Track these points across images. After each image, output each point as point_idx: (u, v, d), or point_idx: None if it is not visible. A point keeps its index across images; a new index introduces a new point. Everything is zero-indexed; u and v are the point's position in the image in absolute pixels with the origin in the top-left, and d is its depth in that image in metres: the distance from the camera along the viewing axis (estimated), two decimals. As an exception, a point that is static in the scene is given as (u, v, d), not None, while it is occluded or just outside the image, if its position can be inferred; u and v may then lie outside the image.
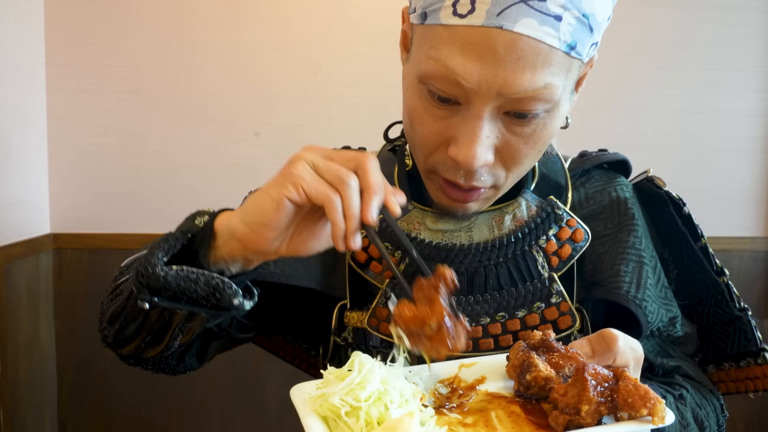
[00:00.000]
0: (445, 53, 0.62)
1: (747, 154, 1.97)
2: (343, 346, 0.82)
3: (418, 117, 0.68)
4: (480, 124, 0.63)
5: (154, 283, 0.63)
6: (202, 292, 0.63)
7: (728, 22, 1.92)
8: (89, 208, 1.75)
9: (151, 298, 0.63)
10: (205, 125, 1.76)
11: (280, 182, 0.61)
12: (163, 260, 0.64)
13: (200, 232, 0.67)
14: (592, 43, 0.66)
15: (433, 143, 0.68)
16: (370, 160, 0.59)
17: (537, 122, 0.66)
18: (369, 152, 0.73)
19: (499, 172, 0.69)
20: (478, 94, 0.62)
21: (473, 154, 0.64)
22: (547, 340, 0.58)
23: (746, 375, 0.83)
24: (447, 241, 0.77)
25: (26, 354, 1.61)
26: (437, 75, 0.63)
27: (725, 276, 0.82)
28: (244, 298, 0.65)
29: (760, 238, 1.99)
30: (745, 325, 0.82)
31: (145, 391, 1.80)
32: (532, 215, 0.77)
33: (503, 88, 0.61)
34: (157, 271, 0.62)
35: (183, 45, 1.73)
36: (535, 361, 0.56)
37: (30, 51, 1.64)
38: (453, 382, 0.63)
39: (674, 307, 0.80)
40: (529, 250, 0.76)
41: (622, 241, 0.78)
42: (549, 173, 0.83)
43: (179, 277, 0.63)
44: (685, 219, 0.81)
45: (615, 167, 0.86)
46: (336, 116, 1.79)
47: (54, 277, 1.74)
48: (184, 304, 0.65)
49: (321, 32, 1.77)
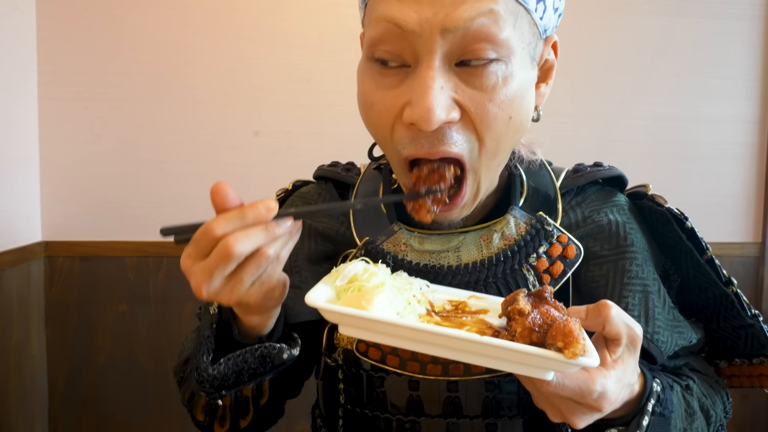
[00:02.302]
0: (383, 7, 0.62)
1: (736, 160, 1.99)
2: (333, 367, 0.82)
3: (370, 97, 0.66)
4: (430, 73, 0.60)
5: (214, 382, 0.70)
6: (255, 364, 0.71)
7: (717, 30, 1.94)
8: (81, 216, 1.74)
9: (219, 393, 0.71)
10: (197, 133, 1.76)
11: (214, 297, 0.63)
12: (209, 360, 0.71)
13: (221, 317, 0.74)
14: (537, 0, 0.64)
15: (390, 119, 0.65)
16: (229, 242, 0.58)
17: (494, 73, 0.62)
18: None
19: (470, 136, 0.64)
20: (422, 38, 0.60)
21: (428, 106, 0.59)
22: (543, 292, 0.60)
23: (760, 372, 0.82)
24: (435, 262, 0.75)
25: (17, 362, 1.60)
26: (381, 33, 0.62)
27: (733, 285, 0.80)
28: (290, 348, 0.72)
29: (749, 244, 2.01)
30: (758, 332, 0.80)
31: (136, 401, 1.79)
32: (521, 233, 0.75)
33: (446, 21, 0.59)
34: (210, 372, 0.70)
35: (175, 53, 1.74)
36: (519, 297, 0.58)
37: (22, 59, 1.63)
38: (459, 305, 0.67)
39: (684, 328, 0.77)
40: (519, 269, 0.73)
41: (626, 271, 0.75)
42: (538, 186, 0.80)
43: (229, 365, 0.70)
44: (689, 233, 0.79)
45: (610, 182, 0.84)
46: (328, 123, 1.79)
47: (45, 285, 1.73)
48: (248, 380, 0.72)
49: (313, 40, 1.77)
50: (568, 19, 1.56)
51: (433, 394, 0.75)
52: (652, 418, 0.64)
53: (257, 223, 0.57)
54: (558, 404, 0.58)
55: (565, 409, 0.58)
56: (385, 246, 0.77)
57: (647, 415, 0.63)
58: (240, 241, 0.56)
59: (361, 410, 0.78)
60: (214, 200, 0.59)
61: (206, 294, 0.58)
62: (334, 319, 0.57)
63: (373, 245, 0.77)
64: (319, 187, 0.91)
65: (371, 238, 0.78)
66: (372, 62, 0.66)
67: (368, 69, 0.66)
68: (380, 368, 0.76)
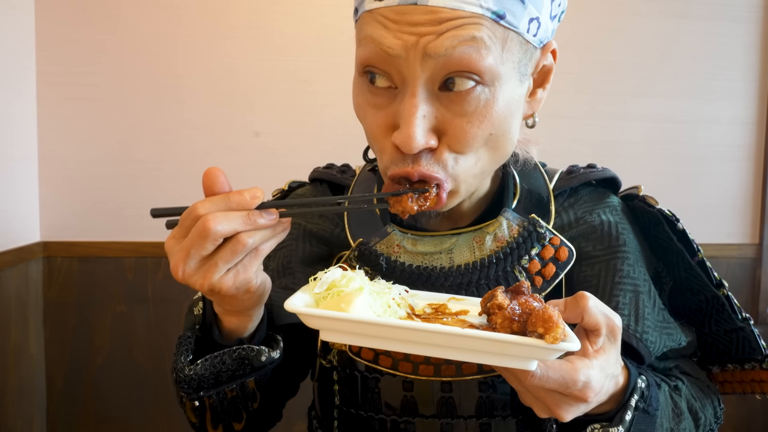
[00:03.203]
0: (370, 30, 0.63)
1: (733, 161, 2.00)
2: (328, 368, 0.82)
3: (363, 111, 0.68)
4: (414, 101, 0.62)
5: (192, 383, 0.70)
6: (233, 366, 0.71)
7: (715, 32, 1.95)
8: (79, 217, 1.75)
9: (198, 395, 0.72)
10: (195, 133, 1.76)
11: (216, 300, 0.67)
12: (187, 361, 0.71)
13: (203, 320, 0.74)
14: (530, 18, 0.64)
15: (379, 135, 0.67)
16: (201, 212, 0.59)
17: (475, 98, 0.63)
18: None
19: (446, 159, 0.66)
20: (407, 62, 0.61)
21: (410, 134, 0.62)
22: (520, 287, 0.60)
23: (752, 377, 0.82)
24: (427, 263, 0.76)
25: (15, 363, 1.60)
26: (368, 54, 0.64)
27: (725, 288, 0.80)
28: (270, 350, 0.72)
29: (746, 245, 2.01)
30: (749, 335, 0.81)
31: (134, 401, 1.79)
32: (513, 235, 0.75)
33: (427, 48, 0.60)
34: (187, 373, 0.70)
35: (174, 53, 1.74)
36: (497, 293, 0.58)
37: (21, 59, 1.64)
38: (439, 308, 0.67)
39: (673, 330, 0.78)
40: (512, 271, 0.74)
41: (617, 270, 0.76)
42: (531, 188, 0.81)
43: (206, 366, 0.70)
44: (680, 235, 0.79)
45: (603, 184, 0.84)
46: (326, 124, 1.80)
47: (43, 286, 1.74)
48: (227, 382, 0.72)
49: (311, 41, 1.78)
50: (567, 22, 1.56)
51: (427, 394, 0.75)
52: (636, 414, 0.63)
53: (240, 209, 0.59)
54: (544, 398, 0.58)
55: (551, 402, 0.58)
56: (378, 247, 0.77)
57: (630, 410, 0.63)
58: (218, 220, 0.57)
59: (356, 411, 0.79)
60: (204, 183, 0.61)
61: (181, 275, 0.59)
62: (315, 324, 0.56)
63: (366, 246, 0.77)
64: (315, 189, 0.91)
65: (365, 240, 0.78)
66: (363, 76, 0.67)
67: (361, 84, 0.68)
68: (374, 369, 0.77)
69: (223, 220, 0.58)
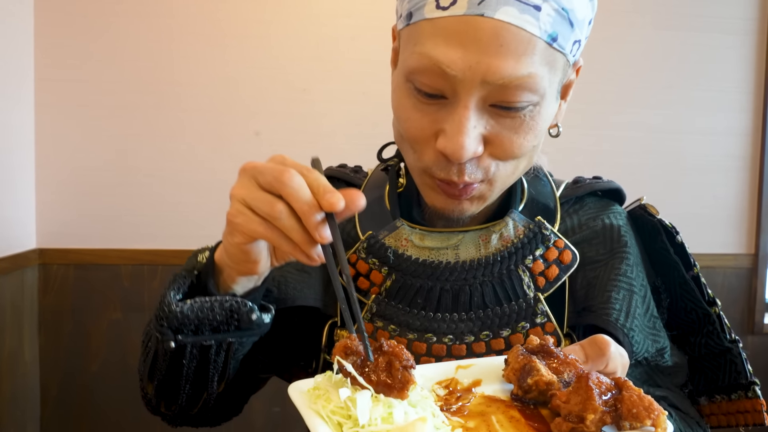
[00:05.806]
0: (430, 45, 0.63)
1: (729, 172, 2.01)
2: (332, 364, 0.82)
3: (405, 113, 0.69)
4: (467, 114, 0.64)
5: (174, 322, 0.66)
6: (220, 317, 0.66)
7: (710, 44, 1.96)
8: (76, 224, 1.74)
9: (175, 336, 0.66)
10: (192, 141, 1.76)
11: (228, 230, 0.63)
12: (176, 298, 0.67)
13: (204, 268, 0.70)
14: (574, 41, 0.67)
15: (421, 138, 0.69)
16: (292, 178, 0.58)
17: (524, 114, 0.66)
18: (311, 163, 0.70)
19: (489, 165, 0.68)
20: (463, 82, 0.63)
21: (461, 144, 0.64)
22: (546, 346, 0.58)
23: (737, 408, 0.82)
24: (434, 258, 0.77)
25: (9, 369, 1.59)
26: (422, 68, 0.64)
27: (717, 306, 0.81)
28: (261, 312, 0.68)
29: (742, 255, 2.02)
30: (736, 357, 0.81)
31: (128, 407, 1.78)
32: (519, 235, 0.77)
33: (487, 75, 0.62)
34: (173, 309, 0.66)
35: (172, 61, 1.75)
36: (537, 365, 0.55)
37: (19, 66, 1.64)
38: (450, 384, 0.62)
39: (662, 338, 0.79)
40: (515, 270, 0.76)
41: (614, 268, 0.77)
42: (538, 196, 0.82)
43: (194, 308, 0.66)
44: (678, 248, 0.80)
45: (609, 195, 0.86)
46: (325, 132, 1.80)
47: (39, 293, 1.73)
48: (208, 334, 0.67)
49: (310, 50, 1.79)
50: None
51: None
52: None
53: (318, 197, 0.57)
54: None
55: None
56: (387, 241, 0.79)
57: None
58: (296, 181, 0.57)
59: None
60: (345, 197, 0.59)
61: (232, 192, 0.59)
62: None
63: (375, 239, 0.79)
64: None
65: (374, 233, 0.79)
66: (409, 83, 0.68)
67: (406, 89, 0.69)
68: None
69: (301, 189, 0.57)
